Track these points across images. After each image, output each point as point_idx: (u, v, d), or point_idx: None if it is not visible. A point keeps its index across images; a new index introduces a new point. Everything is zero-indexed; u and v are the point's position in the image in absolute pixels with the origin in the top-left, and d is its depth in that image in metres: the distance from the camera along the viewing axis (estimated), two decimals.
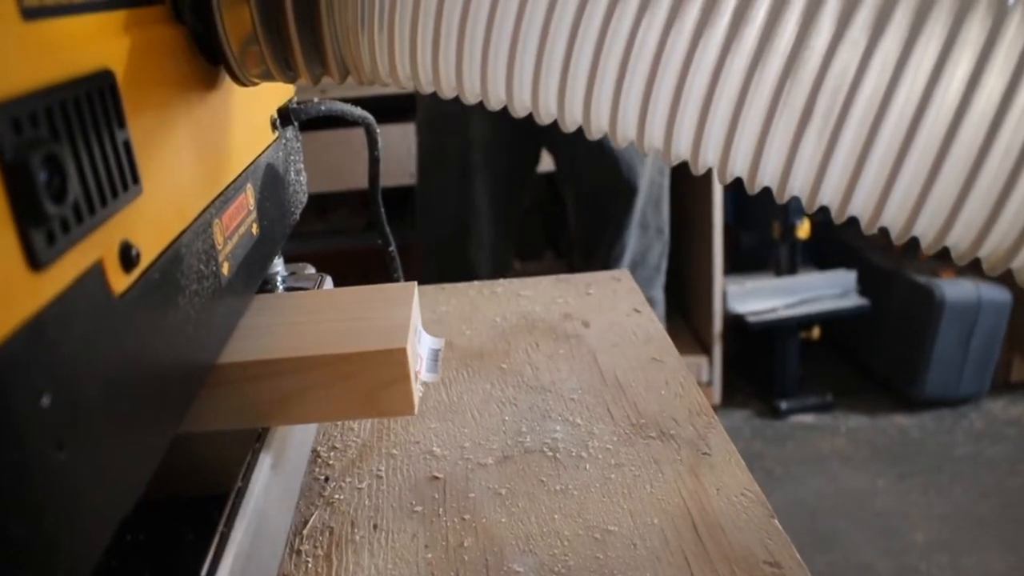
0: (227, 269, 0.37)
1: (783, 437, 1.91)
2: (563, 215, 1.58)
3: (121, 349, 0.25)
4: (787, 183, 0.33)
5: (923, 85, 0.28)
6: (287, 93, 0.51)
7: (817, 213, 0.34)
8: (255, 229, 0.42)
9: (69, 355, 0.22)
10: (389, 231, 0.62)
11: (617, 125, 0.35)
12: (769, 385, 2.04)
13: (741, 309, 1.96)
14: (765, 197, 0.36)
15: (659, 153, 0.35)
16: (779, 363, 2.00)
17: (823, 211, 0.34)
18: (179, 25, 0.34)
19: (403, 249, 0.64)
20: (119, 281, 0.26)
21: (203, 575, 0.32)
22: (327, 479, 0.47)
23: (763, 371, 2.06)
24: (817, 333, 2.05)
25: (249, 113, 0.43)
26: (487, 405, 0.54)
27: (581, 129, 0.37)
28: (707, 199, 1.88)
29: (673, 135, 0.34)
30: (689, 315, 2.15)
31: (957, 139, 0.29)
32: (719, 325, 1.97)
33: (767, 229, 2.01)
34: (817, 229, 2.02)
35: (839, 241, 2.17)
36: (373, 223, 0.61)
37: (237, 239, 0.39)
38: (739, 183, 0.35)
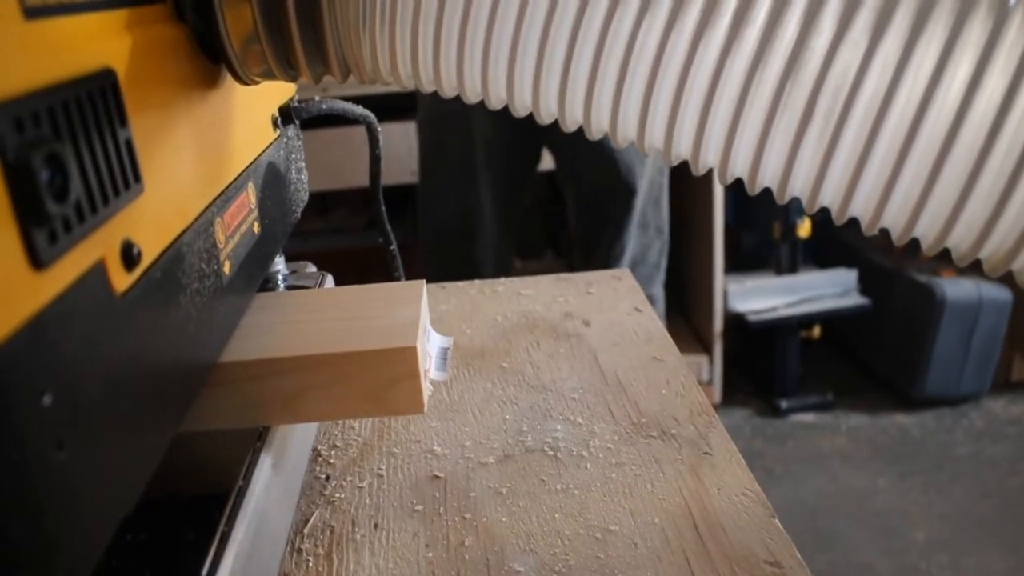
0: (228, 268, 0.37)
1: (783, 436, 1.91)
2: (563, 214, 1.58)
3: (122, 348, 0.25)
4: (788, 184, 0.33)
5: (924, 86, 0.28)
6: (288, 92, 0.51)
7: (818, 212, 0.34)
8: (256, 228, 0.42)
9: (70, 354, 0.22)
10: (390, 230, 0.62)
11: (618, 125, 0.35)
12: (770, 384, 2.04)
13: (742, 308, 1.96)
14: (766, 197, 0.36)
15: (660, 153, 0.35)
16: (780, 362, 2.00)
17: (824, 211, 0.34)
18: (181, 24, 0.34)
19: (404, 248, 0.64)
20: (121, 280, 0.26)
21: (204, 574, 0.32)
22: (328, 478, 0.47)
23: (764, 370, 2.06)
24: (818, 332, 2.05)
25: (250, 112, 0.43)
26: (488, 404, 0.54)
27: (581, 129, 0.37)
28: (708, 199, 1.88)
29: (674, 136, 0.34)
30: (690, 314, 2.15)
31: (958, 140, 0.29)
32: (720, 324, 1.97)
33: (768, 229, 2.01)
34: (818, 228, 2.02)
35: (840, 240, 2.16)
36: (374, 221, 0.61)
37: (238, 238, 0.39)
38: (740, 183, 0.35)
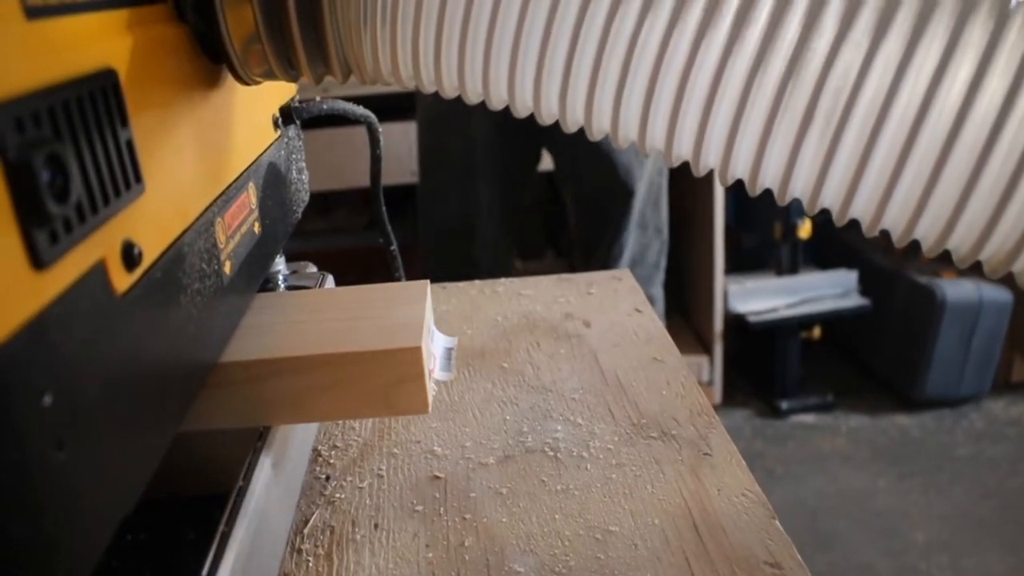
0: (229, 268, 0.37)
1: (784, 437, 1.91)
2: (563, 214, 1.58)
3: (123, 348, 0.25)
4: (788, 185, 0.33)
5: (925, 88, 0.28)
6: (289, 92, 0.51)
7: (818, 213, 0.34)
8: (257, 228, 0.42)
9: (70, 355, 0.22)
10: (391, 230, 0.62)
11: (619, 126, 0.35)
12: (770, 385, 2.04)
13: (742, 309, 1.96)
14: (766, 198, 0.36)
15: (661, 154, 0.35)
16: (780, 363, 2.00)
17: (824, 212, 0.34)
18: (182, 24, 0.34)
19: (404, 248, 0.64)
20: (121, 280, 0.26)
21: (204, 574, 0.32)
22: (328, 478, 0.47)
23: (764, 371, 2.06)
24: (818, 333, 2.05)
25: (251, 112, 0.43)
26: (488, 405, 0.54)
27: (580, 130, 0.36)
28: (708, 199, 1.88)
29: (675, 136, 0.34)
30: (690, 315, 2.15)
31: (959, 142, 0.29)
32: (720, 325, 1.97)
33: (768, 229, 2.01)
34: (818, 229, 2.02)
35: (840, 241, 2.16)
36: (375, 222, 0.61)
37: (239, 238, 0.39)
38: (740, 184, 0.35)
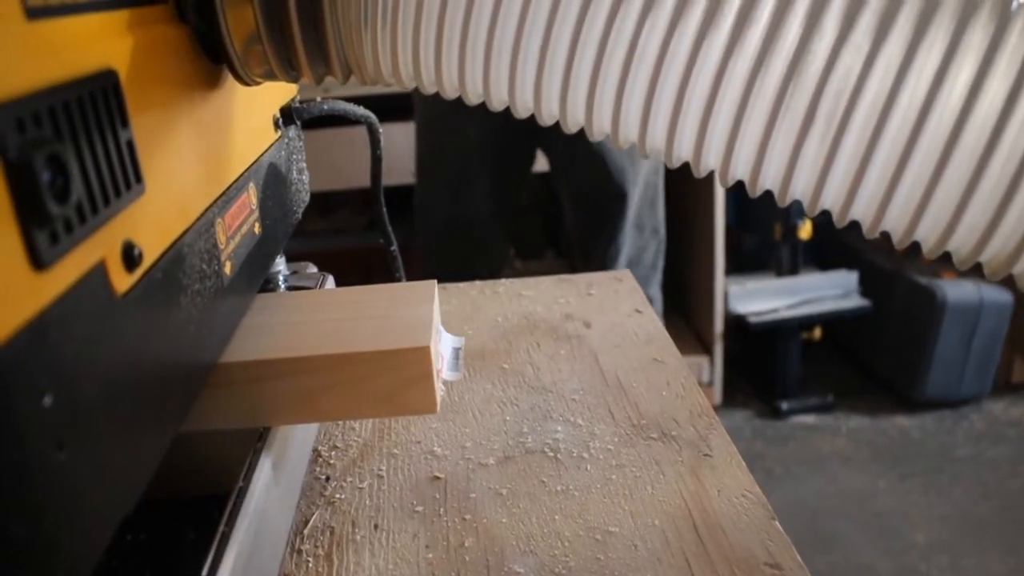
0: (229, 268, 0.37)
1: (784, 437, 1.91)
2: (563, 215, 1.58)
3: (123, 349, 0.25)
4: (789, 187, 0.33)
5: (926, 90, 0.28)
6: (290, 92, 0.51)
7: (819, 214, 0.34)
8: (257, 228, 0.42)
9: (71, 355, 0.22)
10: (391, 230, 0.62)
11: (619, 127, 0.35)
12: (770, 385, 2.04)
13: (742, 309, 1.96)
14: (767, 199, 0.36)
15: (661, 155, 0.35)
16: (780, 363, 2.00)
17: (825, 212, 0.34)
18: (182, 25, 0.34)
19: (405, 248, 0.64)
20: (121, 281, 0.26)
21: (204, 575, 0.32)
22: (328, 479, 0.47)
23: (764, 371, 2.06)
24: (818, 334, 2.05)
25: (252, 112, 0.43)
26: (488, 405, 0.54)
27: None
28: (709, 200, 1.88)
29: (675, 137, 0.34)
30: (690, 315, 2.15)
31: (959, 144, 0.29)
32: (720, 325, 1.97)
33: (769, 230, 2.01)
34: (819, 230, 2.02)
35: (841, 242, 2.16)
36: (375, 222, 0.61)
37: (239, 238, 0.39)
38: (741, 185, 0.35)
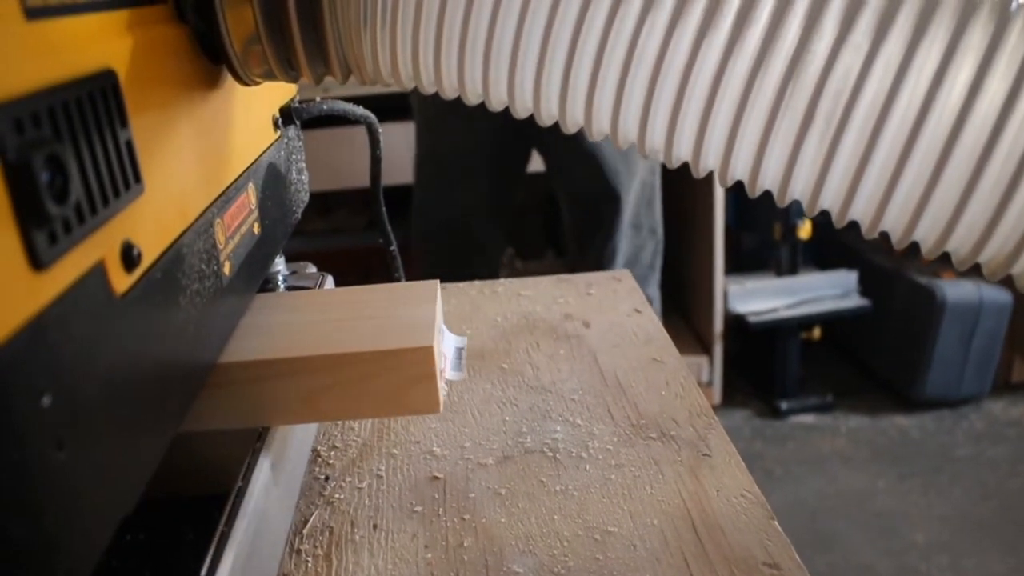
0: (228, 269, 0.37)
1: (783, 437, 1.91)
2: (562, 214, 1.58)
3: (122, 349, 0.25)
4: (788, 187, 0.33)
5: (925, 90, 0.28)
6: (289, 92, 0.51)
7: (818, 214, 0.34)
8: (257, 228, 0.42)
9: (70, 355, 0.22)
10: (390, 230, 0.62)
11: (619, 127, 0.35)
12: (770, 385, 2.04)
13: (742, 309, 1.96)
14: (766, 199, 0.36)
15: (660, 155, 0.35)
16: (780, 363, 2.00)
17: (824, 213, 0.34)
18: (182, 25, 0.34)
19: (404, 248, 0.64)
20: (120, 281, 0.26)
21: (203, 574, 0.32)
22: (327, 478, 0.47)
23: (764, 371, 2.06)
24: (818, 333, 2.05)
25: (251, 112, 0.43)
26: (487, 405, 0.54)
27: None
28: (708, 200, 1.88)
29: (675, 138, 0.34)
30: (690, 315, 2.15)
31: (958, 144, 0.29)
32: (720, 325, 1.97)
33: (768, 230, 2.01)
34: (818, 230, 2.02)
35: (840, 242, 2.17)
36: (374, 222, 0.61)
37: (239, 238, 0.39)
38: (740, 185, 0.35)
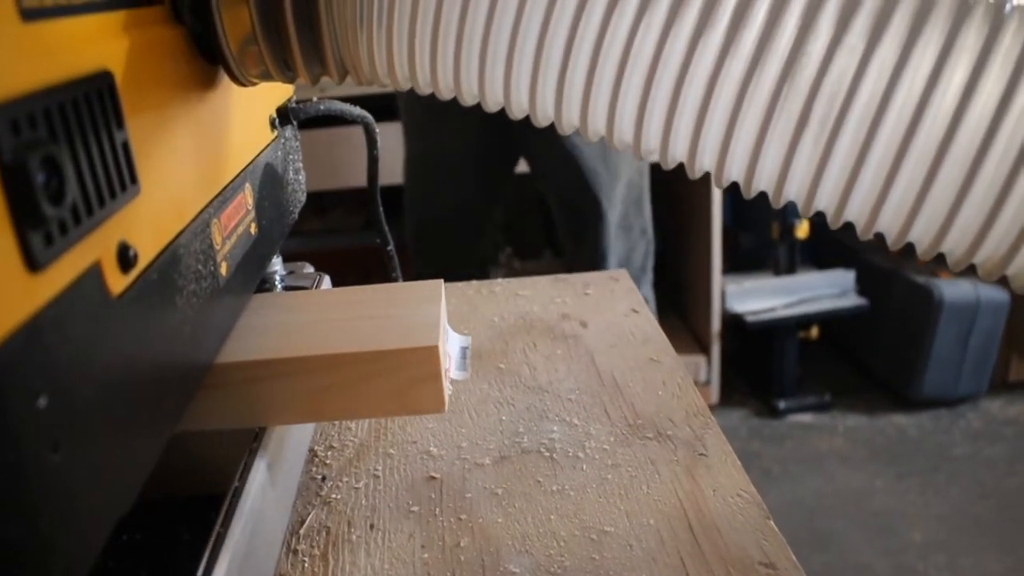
0: (225, 269, 0.37)
1: (781, 436, 1.92)
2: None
3: (118, 350, 0.25)
4: (783, 188, 0.33)
5: (920, 92, 0.28)
6: (286, 92, 0.51)
7: (815, 214, 0.34)
8: (253, 229, 0.42)
9: (66, 357, 0.22)
10: (387, 230, 0.62)
11: (614, 128, 0.35)
12: (767, 384, 2.04)
13: (740, 308, 1.96)
14: (763, 199, 0.36)
15: (656, 156, 0.35)
16: (777, 362, 2.00)
17: (821, 213, 0.34)
18: (178, 25, 0.34)
19: (401, 248, 0.64)
20: (117, 282, 0.26)
21: (199, 575, 0.32)
22: (324, 479, 0.47)
23: (761, 370, 2.06)
24: (816, 333, 2.05)
25: (248, 113, 0.43)
26: (484, 405, 0.54)
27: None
28: (706, 199, 1.88)
29: (670, 139, 0.34)
30: (687, 314, 2.15)
31: (953, 146, 0.29)
32: (718, 324, 1.97)
33: (766, 229, 2.01)
34: (816, 229, 2.02)
35: (838, 241, 2.17)
36: (371, 222, 0.61)
37: (235, 239, 0.39)
38: (736, 186, 0.35)
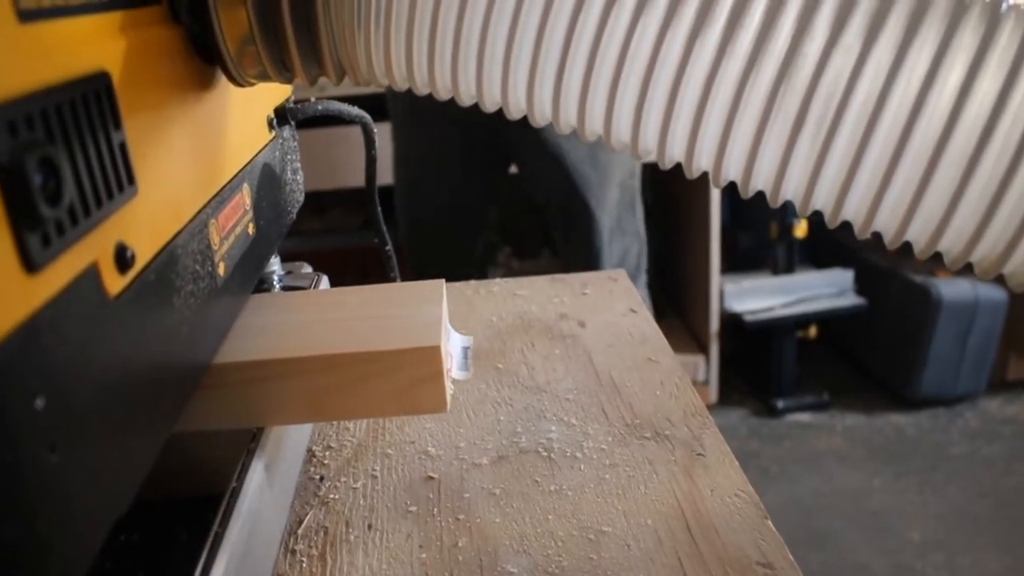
0: (223, 269, 0.37)
1: (779, 436, 1.92)
2: None
3: (115, 351, 0.25)
4: (781, 188, 0.33)
5: (916, 91, 0.28)
6: (284, 93, 0.51)
7: (813, 213, 0.34)
8: (251, 229, 0.42)
9: (63, 357, 0.22)
10: (386, 230, 0.62)
11: (611, 128, 0.35)
12: (766, 384, 2.04)
13: (738, 308, 1.96)
14: (761, 198, 0.36)
15: (653, 156, 0.35)
16: (776, 362, 2.01)
17: (818, 213, 0.34)
18: (176, 26, 0.34)
19: (399, 248, 0.64)
20: (114, 283, 0.26)
21: (197, 575, 0.32)
22: (322, 479, 0.47)
23: (760, 370, 2.06)
24: (814, 332, 2.05)
25: (246, 113, 0.43)
26: (482, 405, 0.54)
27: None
28: (704, 199, 1.88)
29: (667, 139, 0.34)
30: (686, 314, 2.15)
31: (950, 145, 0.29)
32: (716, 324, 1.97)
33: (764, 229, 2.01)
34: (814, 228, 2.03)
35: (836, 240, 2.17)
36: (369, 221, 0.61)
37: (233, 239, 0.39)
38: (734, 185, 0.35)
